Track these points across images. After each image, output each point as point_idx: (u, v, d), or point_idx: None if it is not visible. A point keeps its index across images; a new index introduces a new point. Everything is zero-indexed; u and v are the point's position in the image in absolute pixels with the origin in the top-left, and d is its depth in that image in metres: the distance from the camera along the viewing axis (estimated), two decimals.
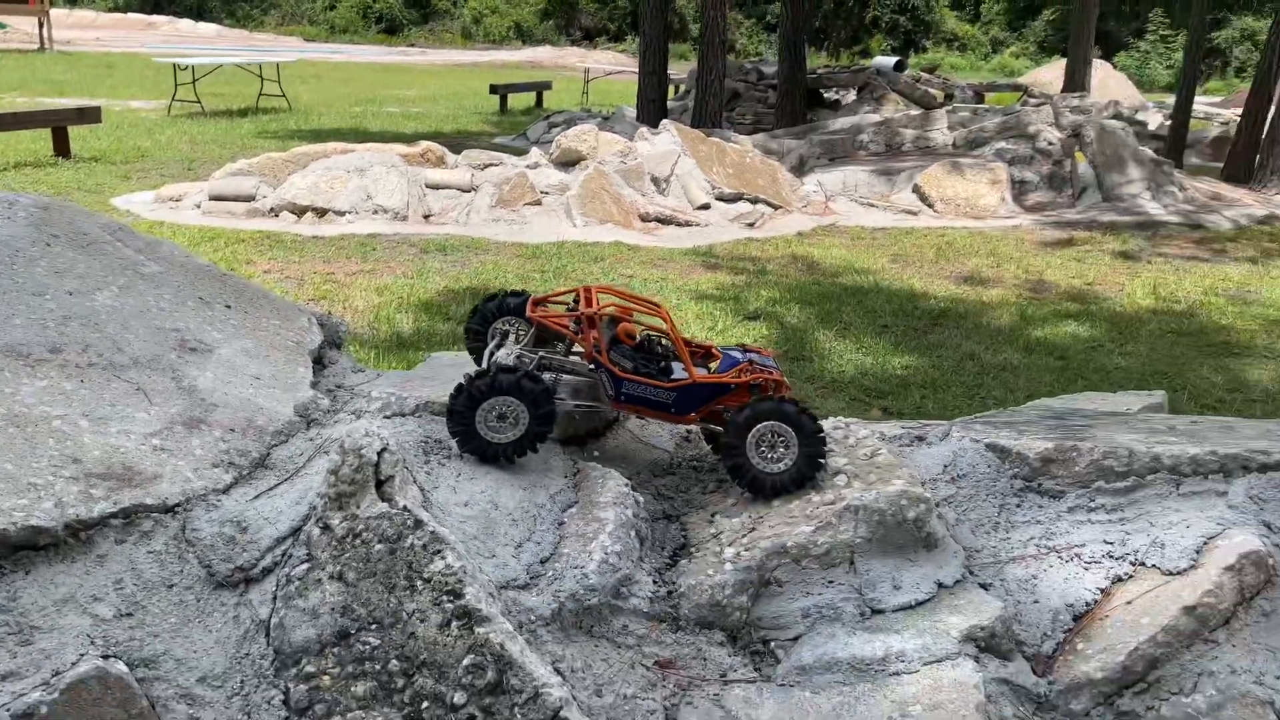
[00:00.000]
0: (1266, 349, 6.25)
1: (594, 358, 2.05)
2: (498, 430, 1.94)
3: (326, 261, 7.38)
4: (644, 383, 2.04)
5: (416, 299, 6.50)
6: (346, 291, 6.62)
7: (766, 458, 1.97)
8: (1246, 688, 1.71)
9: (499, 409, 1.92)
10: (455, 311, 6.26)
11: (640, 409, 2.08)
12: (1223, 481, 1.97)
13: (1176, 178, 10.39)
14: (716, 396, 2.06)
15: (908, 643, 1.75)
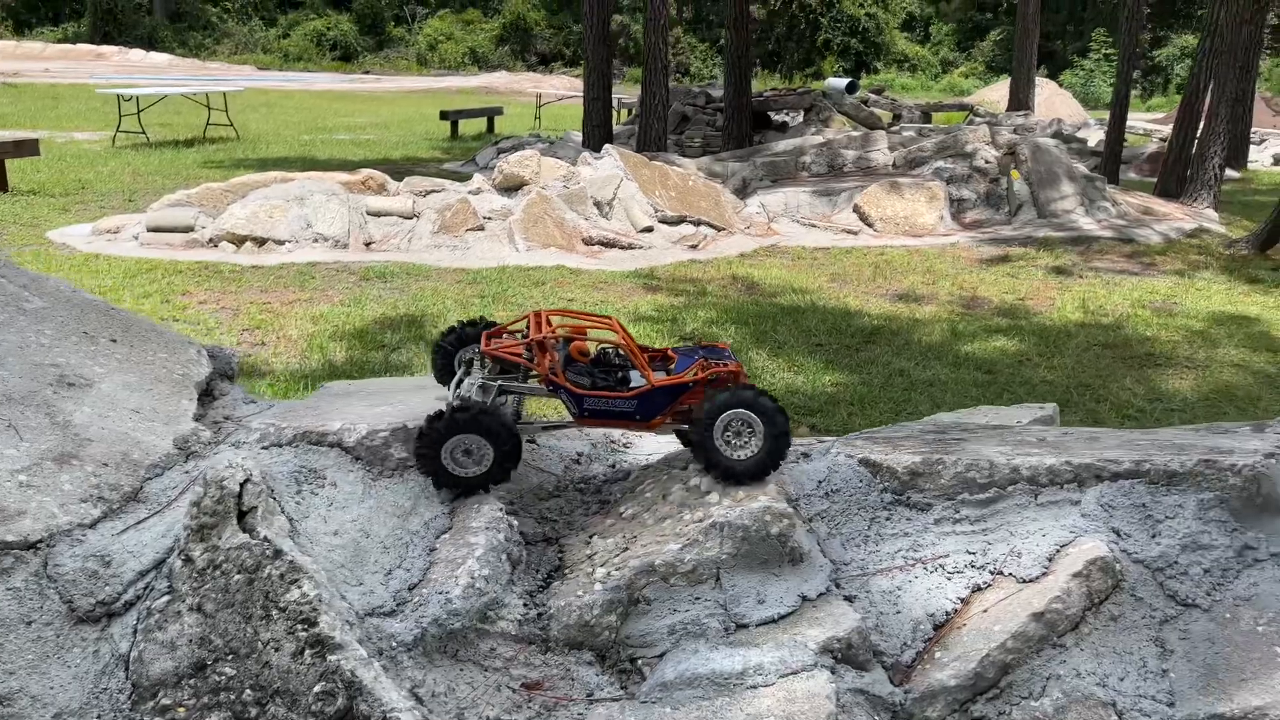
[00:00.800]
0: (1188, 359, 6.41)
1: (550, 380, 2.11)
2: (464, 465, 2.01)
3: (264, 291, 7.35)
4: (604, 396, 2.11)
5: (352, 327, 6.49)
6: (281, 321, 6.59)
7: (733, 445, 2.02)
8: (1090, 690, 1.77)
9: (463, 445, 1.99)
10: (390, 339, 6.26)
11: (606, 422, 2.15)
12: (1077, 491, 2.04)
13: (1109, 193, 10.64)
14: (678, 396, 2.12)
15: (766, 656, 1.80)
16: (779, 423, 2.00)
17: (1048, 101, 29.10)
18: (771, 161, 11.92)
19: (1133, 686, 1.78)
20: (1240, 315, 7.42)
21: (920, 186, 10.51)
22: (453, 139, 18.24)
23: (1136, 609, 1.88)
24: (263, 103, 23.77)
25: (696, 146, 15.54)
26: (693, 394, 2.12)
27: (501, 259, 8.39)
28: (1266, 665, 1.76)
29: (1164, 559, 1.91)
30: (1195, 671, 1.79)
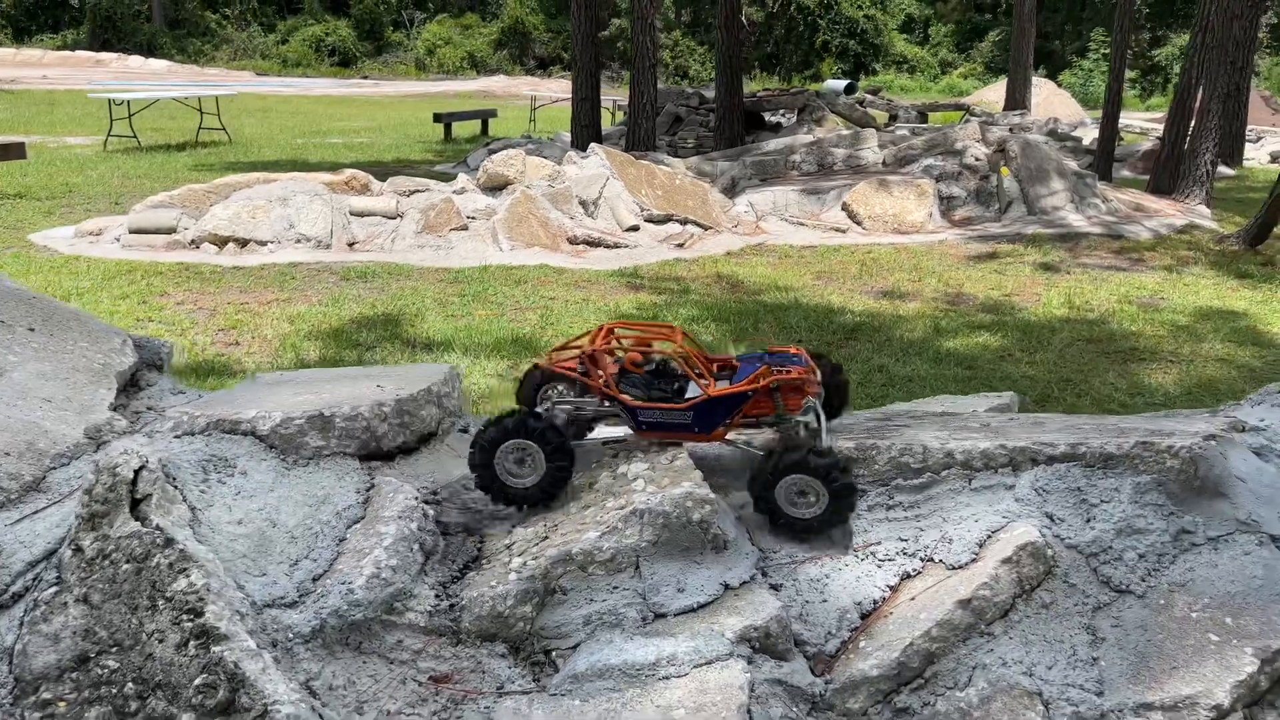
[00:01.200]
0: (1171, 354, 6.33)
1: (604, 393, 2.06)
2: (518, 475, 1.99)
3: (243, 291, 7.30)
4: (658, 408, 2.04)
5: (328, 326, 6.44)
6: (258, 321, 6.55)
7: (796, 504, 1.96)
8: (1016, 679, 1.71)
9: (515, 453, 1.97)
10: (365, 338, 6.22)
11: (665, 434, 2.07)
12: (1012, 475, 1.98)
13: (1099, 189, 10.57)
14: (738, 407, 2.04)
15: (680, 646, 1.73)
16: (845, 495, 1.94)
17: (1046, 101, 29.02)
18: (761, 161, 11.87)
19: (1061, 675, 1.71)
20: (1227, 310, 7.34)
21: (909, 184, 10.45)
22: (446, 141, 18.22)
23: (1069, 595, 1.81)
24: (259, 108, 23.79)
25: (690, 147, 15.49)
26: (757, 404, 2.05)
27: (484, 258, 8.34)
28: (1199, 653, 1.69)
29: (1098, 544, 1.85)
30: (1126, 659, 1.72)
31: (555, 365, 2.17)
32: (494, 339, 6.26)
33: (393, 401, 2.15)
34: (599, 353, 2.14)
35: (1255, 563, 1.78)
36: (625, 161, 9.94)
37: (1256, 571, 1.77)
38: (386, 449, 2.17)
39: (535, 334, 6.45)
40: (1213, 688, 1.65)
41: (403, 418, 2.17)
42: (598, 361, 2.12)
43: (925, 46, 42.96)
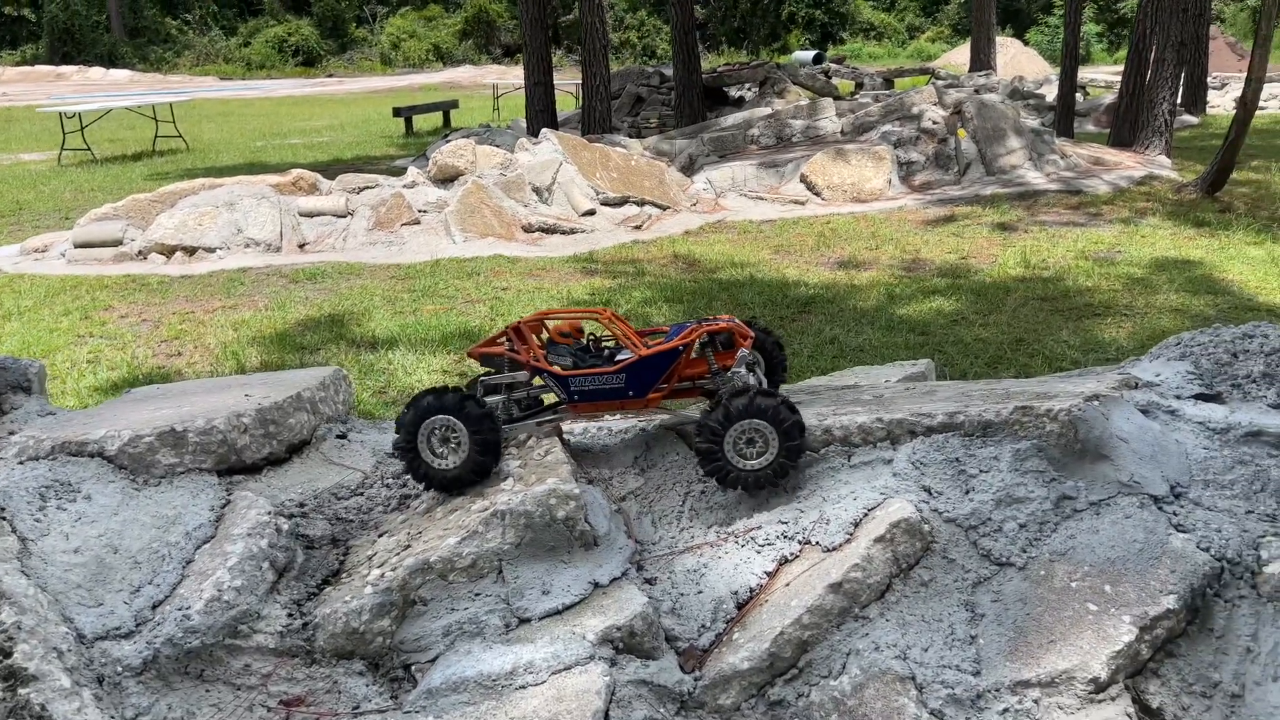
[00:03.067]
0: (1126, 307, 6.27)
1: (532, 366, 1.98)
2: (441, 456, 1.90)
3: (190, 300, 7.18)
4: (589, 374, 1.95)
5: (272, 331, 6.33)
6: (201, 330, 6.43)
7: (745, 455, 1.88)
8: (888, 664, 1.63)
9: (439, 432, 1.90)
10: (310, 340, 6.11)
11: (600, 404, 1.98)
12: (889, 449, 1.90)
13: (1057, 145, 10.48)
14: (670, 365, 1.96)
15: (539, 652, 1.66)
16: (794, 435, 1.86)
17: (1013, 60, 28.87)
18: (719, 137, 11.75)
19: (937, 657, 1.64)
20: (1183, 259, 7.28)
21: (866, 152, 10.35)
22: (408, 135, 18.03)
23: (948, 572, 1.74)
24: (220, 112, 23.52)
25: (653, 126, 15.35)
26: (691, 363, 1.98)
27: (437, 252, 8.22)
28: (1076, 624, 1.62)
29: (977, 516, 1.77)
30: (1005, 635, 1.65)
31: (482, 347, 2.08)
32: (442, 334, 6.15)
33: (253, 412, 2.06)
34: (525, 327, 2.04)
35: (1136, 526, 1.71)
36: (579, 145, 9.81)
37: (1137, 535, 1.70)
38: (250, 461, 2.08)
39: (485, 326, 6.35)
40: (1089, 660, 1.57)
41: (267, 428, 2.08)
42: (524, 336, 2.02)
43: (891, 12, 42.71)
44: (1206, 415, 1.89)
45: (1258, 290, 6.65)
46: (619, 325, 2.07)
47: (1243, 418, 1.86)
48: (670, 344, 1.95)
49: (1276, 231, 8.13)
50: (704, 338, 1.98)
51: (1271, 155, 12.33)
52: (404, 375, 5.41)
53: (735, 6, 40.38)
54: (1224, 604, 1.63)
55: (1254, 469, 1.77)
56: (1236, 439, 1.83)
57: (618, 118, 15.63)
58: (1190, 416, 1.89)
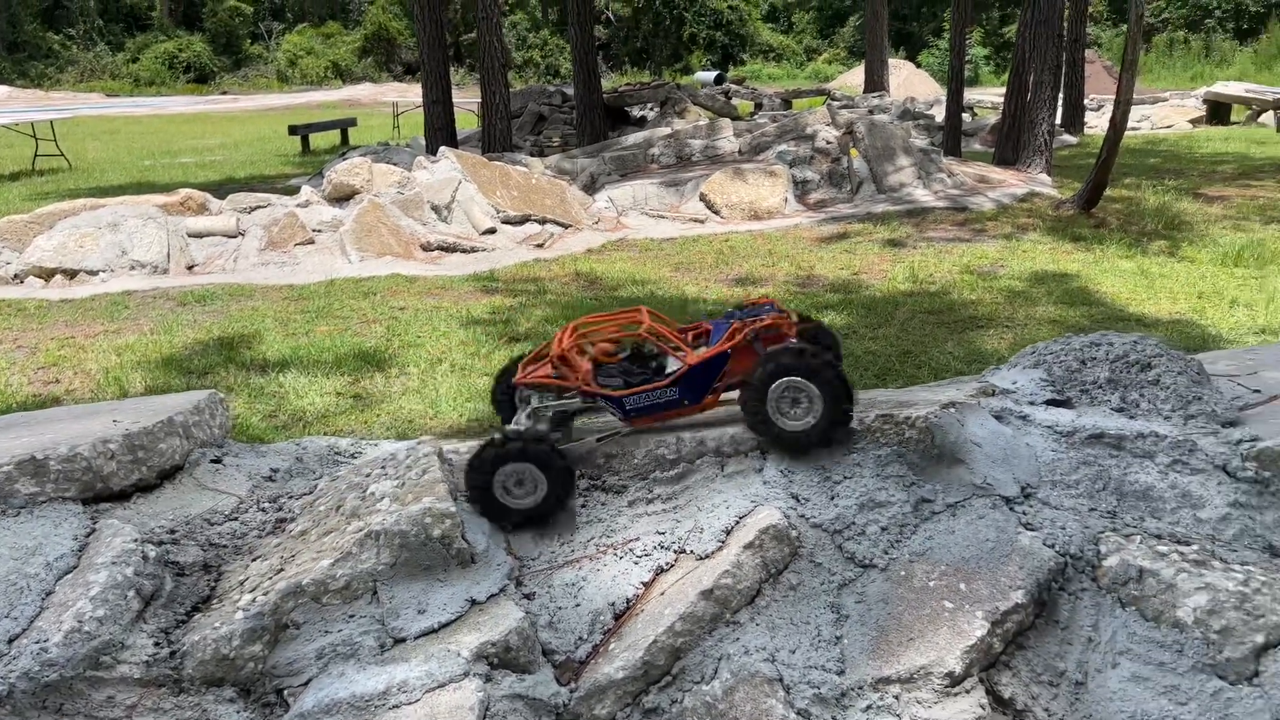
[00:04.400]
0: (1007, 319, 6.54)
1: (584, 392, 1.96)
2: (517, 496, 1.89)
3: (70, 325, 6.89)
4: (641, 391, 1.94)
5: (159, 355, 6.12)
6: (82, 355, 6.18)
7: (788, 414, 1.86)
8: (757, 667, 1.69)
9: (515, 475, 1.88)
10: (198, 364, 5.93)
11: (658, 416, 1.97)
12: (760, 459, 1.96)
13: (944, 164, 10.89)
14: (720, 368, 1.95)
15: (413, 671, 1.65)
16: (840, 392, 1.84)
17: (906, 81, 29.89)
18: (620, 156, 11.85)
19: (803, 658, 1.70)
20: (1060, 273, 7.64)
21: (763, 171, 10.57)
22: (304, 154, 17.69)
23: (815, 575, 1.80)
24: (106, 130, 22.70)
25: (555, 145, 15.39)
26: (740, 360, 1.97)
27: (332, 272, 8.08)
28: (934, 622, 1.70)
29: (841, 520, 1.84)
30: (868, 635, 1.72)
31: (529, 378, 2.06)
32: (336, 355, 6.05)
33: (120, 438, 2.01)
34: (568, 353, 2.03)
35: (989, 526, 1.80)
36: (478, 163, 9.78)
37: (989, 535, 1.79)
38: (118, 488, 2.03)
39: (381, 346, 6.27)
40: (945, 655, 1.65)
41: (135, 454, 2.03)
42: (569, 362, 2.02)
43: (790, 34, 43.78)
44: (1055, 419, 2.00)
45: (1128, 301, 7.02)
46: (660, 329, 2.08)
47: (1087, 421, 1.98)
48: (717, 349, 1.97)
49: (1146, 245, 8.59)
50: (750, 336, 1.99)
51: (1143, 173, 13.02)
52: (295, 398, 5.30)
53: (638, 27, 40.84)
54: (1068, 597, 1.73)
55: (1097, 469, 1.89)
56: (1081, 441, 1.95)
57: (520, 136, 15.63)
58: (1040, 421, 2.01)
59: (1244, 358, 2.50)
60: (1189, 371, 2.11)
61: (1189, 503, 1.82)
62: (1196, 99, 20.72)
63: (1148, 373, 2.09)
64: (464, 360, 5.85)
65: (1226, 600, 1.56)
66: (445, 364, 5.77)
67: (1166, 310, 6.80)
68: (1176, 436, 1.90)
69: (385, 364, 5.85)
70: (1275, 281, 7.34)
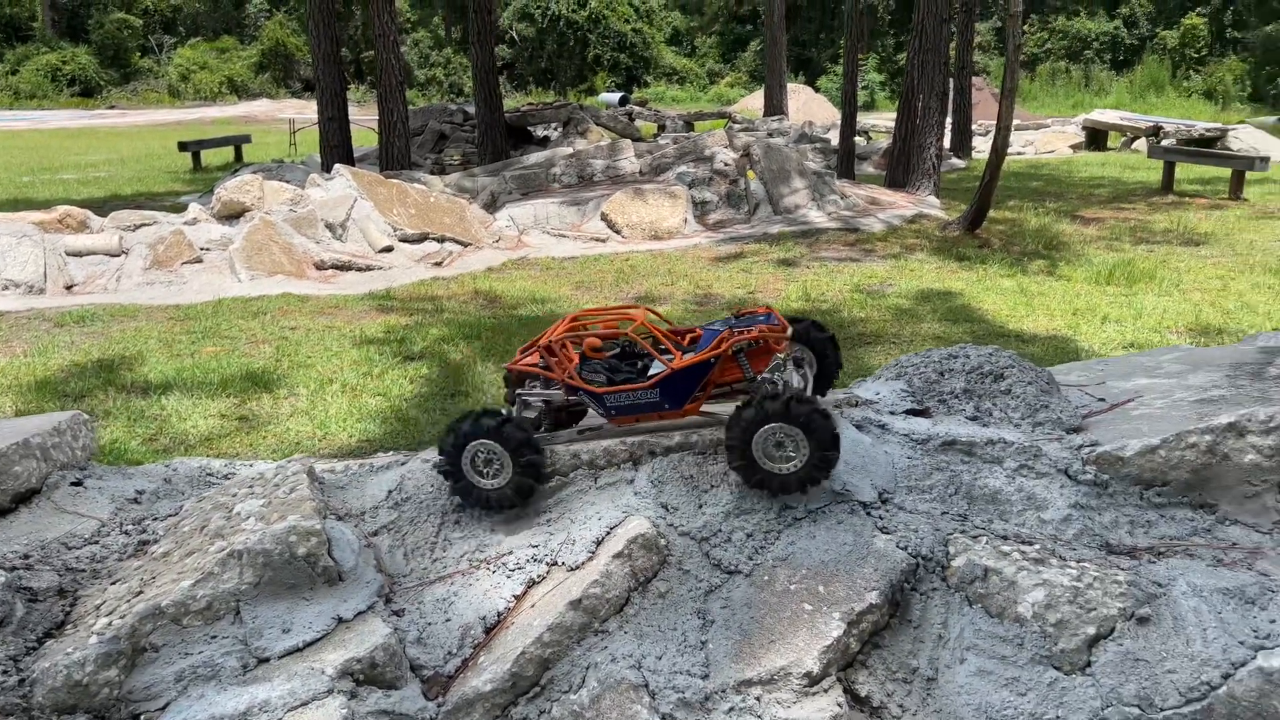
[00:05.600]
0: (894, 335, 6.76)
1: (567, 384, 1.93)
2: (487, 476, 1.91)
3: None
4: (623, 390, 1.91)
5: (32, 379, 5.86)
6: None
7: (774, 457, 1.83)
8: (623, 675, 1.72)
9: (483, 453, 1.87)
10: (74, 387, 5.69)
11: (640, 417, 1.94)
12: (632, 469, 2.00)
13: (837, 186, 11.21)
14: (704, 376, 1.91)
15: (276, 690, 1.63)
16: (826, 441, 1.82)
17: (805, 106, 30.64)
18: (522, 174, 11.85)
19: (669, 664, 1.74)
20: (945, 291, 7.93)
21: (663, 192, 10.71)
22: (196, 171, 17.17)
23: (684, 582, 1.85)
24: None
25: (457, 163, 15.30)
26: (725, 370, 1.96)
27: (221, 291, 7.86)
28: (794, 624, 1.76)
29: (709, 528, 1.89)
30: (732, 639, 1.77)
31: (518, 364, 2.05)
32: (222, 376, 5.88)
33: None
34: (557, 344, 2.01)
35: (846, 530, 1.87)
36: (374, 181, 9.66)
37: (847, 539, 1.86)
38: None
39: (270, 367, 6.12)
40: (803, 656, 1.71)
41: None
42: (556, 353, 2.00)
43: (693, 58, 44.45)
44: (911, 428, 2.09)
45: (1008, 318, 7.33)
46: (655, 330, 2.06)
47: (941, 429, 2.08)
48: (701, 355, 1.96)
49: (1026, 265, 8.99)
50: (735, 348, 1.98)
51: (1026, 196, 13.61)
52: (178, 421, 5.13)
53: (542, 48, 40.95)
54: (920, 597, 1.81)
55: (949, 474, 1.98)
56: (935, 448, 2.04)
57: (421, 154, 15.49)
58: (898, 429, 2.09)
59: (1095, 369, 2.65)
60: (1038, 382, 2.23)
61: (1034, 505, 1.93)
62: (1076, 126, 21.78)
63: (1000, 383, 2.21)
64: (355, 380, 5.76)
65: (1061, 595, 1.66)
66: (336, 384, 5.67)
67: (1044, 326, 7.11)
68: (1023, 443, 2.01)
69: (274, 385, 5.72)
70: (1143, 299, 7.75)
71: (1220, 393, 2.20)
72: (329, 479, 2.12)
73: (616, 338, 2.16)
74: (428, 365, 6.26)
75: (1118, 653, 1.62)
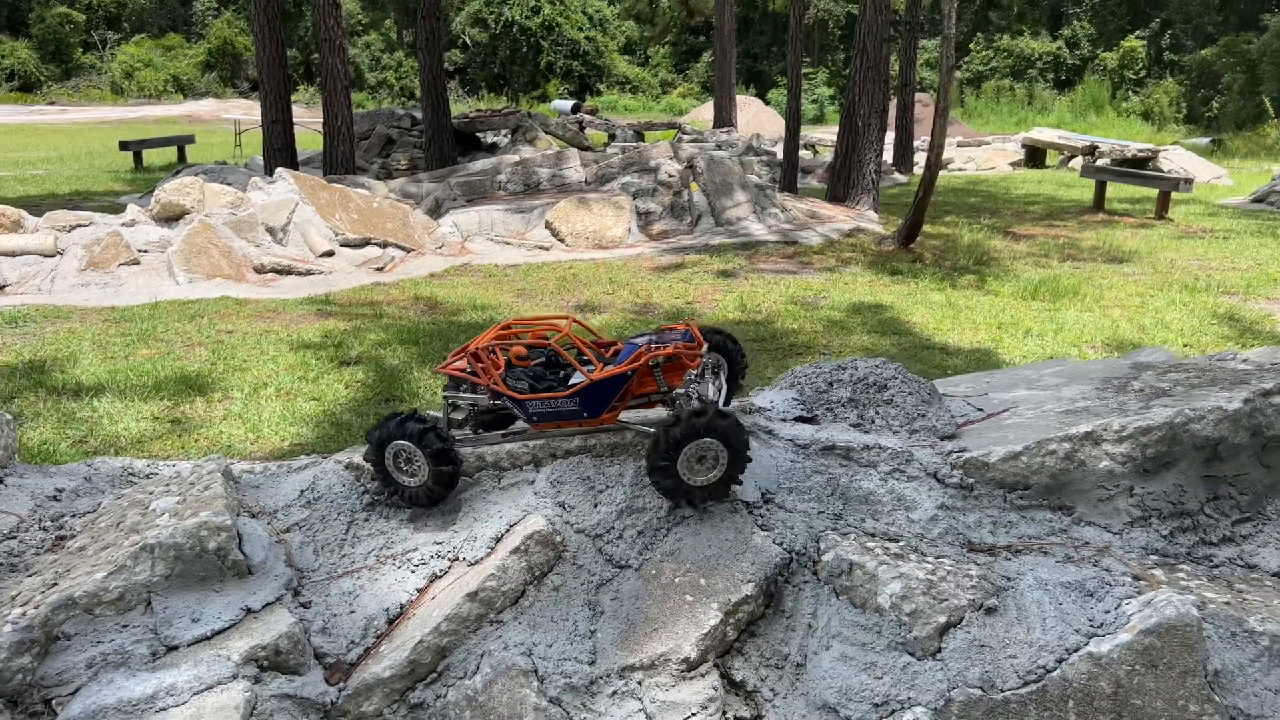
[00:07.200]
0: (824, 347, 6.96)
1: (492, 390, 2.00)
2: (406, 474, 2.00)
3: None
4: (544, 398, 1.99)
5: None
6: None
7: (695, 471, 1.93)
8: (514, 661, 1.84)
9: (402, 453, 1.97)
10: (4, 389, 5.66)
11: (560, 424, 2.02)
12: (534, 471, 2.12)
13: (779, 200, 11.45)
14: (621, 388, 2.00)
15: (183, 675, 1.73)
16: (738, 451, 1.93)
17: (755, 118, 31.02)
18: (468, 181, 11.92)
19: (559, 651, 1.86)
20: (876, 304, 8.17)
21: (608, 201, 10.85)
22: (137, 171, 16.96)
23: (577, 576, 1.97)
24: None
25: (404, 168, 15.32)
26: (642, 382, 2.05)
27: (158, 294, 7.84)
28: (675, 614, 1.90)
29: (603, 525, 2.02)
30: (619, 628, 1.90)
31: (447, 368, 2.12)
32: (155, 379, 5.89)
33: None
34: (484, 350, 2.08)
35: (729, 528, 2.02)
36: (317, 185, 9.67)
37: (729, 536, 2.00)
38: None
39: (205, 370, 6.14)
40: (682, 644, 1.85)
41: None
42: (482, 359, 2.08)
43: (646, 67, 44.76)
44: (796, 434, 2.24)
45: (935, 331, 7.58)
46: (578, 341, 2.15)
47: (824, 435, 2.23)
48: (619, 368, 2.06)
49: (956, 279, 9.28)
50: (651, 362, 2.08)
51: (963, 211, 13.99)
52: (109, 424, 5.14)
53: (495, 53, 40.95)
54: (793, 589, 1.95)
55: (828, 476, 2.13)
56: (816, 452, 2.19)
57: (368, 159, 15.47)
58: (784, 435, 2.24)
59: (982, 381, 2.83)
60: (920, 392, 2.40)
61: (903, 505, 2.08)
62: (1016, 143, 22.34)
63: (884, 393, 2.37)
64: (290, 384, 5.80)
65: (917, 587, 1.82)
66: (270, 388, 5.72)
67: (969, 339, 7.36)
68: (898, 448, 2.17)
69: (208, 388, 5.75)
70: (1065, 314, 8.05)
71: (1087, 404, 2.39)
72: (246, 479, 2.21)
73: (543, 347, 2.28)
74: (364, 370, 6.32)
75: (965, 640, 1.77)
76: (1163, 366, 2.57)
